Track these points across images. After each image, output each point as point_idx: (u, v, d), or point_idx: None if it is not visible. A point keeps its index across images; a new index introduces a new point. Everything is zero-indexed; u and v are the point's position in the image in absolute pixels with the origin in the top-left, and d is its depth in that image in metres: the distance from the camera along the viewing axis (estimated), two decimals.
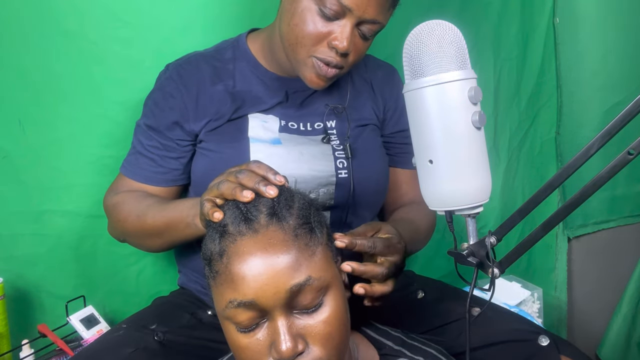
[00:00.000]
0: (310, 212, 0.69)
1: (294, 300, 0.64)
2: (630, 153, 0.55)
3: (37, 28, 1.13)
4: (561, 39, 1.60)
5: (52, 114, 1.17)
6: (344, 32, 0.90)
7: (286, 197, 0.69)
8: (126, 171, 1.06)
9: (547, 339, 0.91)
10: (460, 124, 0.63)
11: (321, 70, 0.94)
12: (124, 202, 1.02)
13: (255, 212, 0.66)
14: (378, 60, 1.16)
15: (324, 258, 0.67)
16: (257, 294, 0.62)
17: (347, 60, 0.94)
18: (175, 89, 1.02)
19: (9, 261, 1.18)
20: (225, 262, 0.64)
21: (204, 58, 1.06)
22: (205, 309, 1.05)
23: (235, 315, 0.64)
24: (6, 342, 1.12)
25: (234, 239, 0.65)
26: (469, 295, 0.67)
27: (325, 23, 0.90)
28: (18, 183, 1.17)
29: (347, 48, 0.90)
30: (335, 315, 0.66)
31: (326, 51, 0.92)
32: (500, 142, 1.61)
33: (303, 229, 0.66)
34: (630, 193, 1.75)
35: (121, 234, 1.06)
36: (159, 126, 1.03)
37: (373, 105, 1.10)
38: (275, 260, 0.63)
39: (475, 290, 0.76)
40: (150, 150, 1.04)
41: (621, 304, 1.76)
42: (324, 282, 0.66)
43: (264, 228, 0.65)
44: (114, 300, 1.27)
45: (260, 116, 1.03)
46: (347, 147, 1.02)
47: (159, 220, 0.95)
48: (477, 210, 0.65)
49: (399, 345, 0.80)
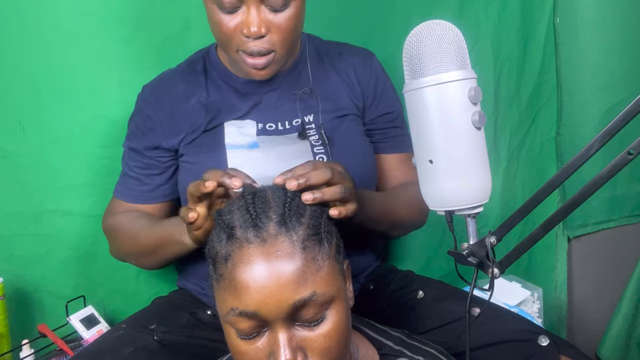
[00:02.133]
0: (321, 221, 0.68)
1: (296, 314, 0.63)
2: (630, 153, 0.55)
3: (37, 28, 1.13)
4: (561, 39, 1.60)
5: (52, 114, 1.17)
6: (248, 18, 0.89)
7: (298, 203, 0.68)
8: (117, 193, 1.11)
9: (547, 339, 0.91)
10: (460, 124, 0.63)
11: (248, 63, 0.94)
12: (120, 224, 1.06)
13: (265, 218, 0.65)
14: (353, 48, 1.15)
15: (330, 272, 0.66)
16: (259, 306, 0.62)
17: (273, 41, 0.92)
18: (151, 110, 1.05)
19: (9, 261, 1.18)
20: (230, 268, 0.64)
21: (178, 75, 1.08)
22: (204, 309, 1.05)
23: (237, 322, 0.64)
24: (6, 342, 1.13)
25: (240, 244, 0.64)
26: (469, 295, 0.67)
27: (230, 17, 0.90)
28: (18, 183, 1.17)
29: (257, 32, 0.89)
30: (336, 329, 0.66)
31: (245, 41, 0.92)
32: (500, 142, 1.61)
33: (312, 241, 0.65)
34: (630, 193, 1.75)
35: (121, 255, 1.11)
36: (139, 147, 1.07)
37: (350, 94, 1.09)
38: (281, 273, 0.62)
39: (475, 290, 0.76)
40: (134, 171, 1.08)
41: (621, 304, 1.76)
42: (328, 297, 0.65)
43: (272, 238, 0.64)
44: (114, 300, 1.27)
45: (237, 123, 1.03)
46: (322, 134, 1.02)
47: (151, 240, 0.98)
48: (477, 210, 0.65)
49: (399, 345, 0.80)
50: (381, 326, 0.83)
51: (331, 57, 1.11)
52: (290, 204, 0.67)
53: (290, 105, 1.05)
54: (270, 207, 0.66)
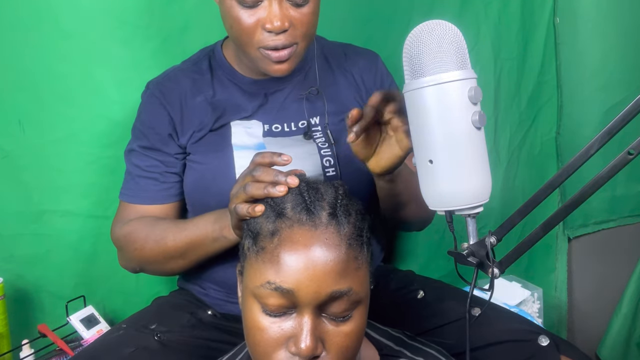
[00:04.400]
0: (364, 226, 0.69)
1: (329, 304, 0.64)
2: (630, 153, 0.55)
3: (37, 28, 1.13)
4: (561, 39, 1.60)
5: (52, 114, 1.17)
6: (271, 12, 0.88)
7: (346, 202, 0.68)
8: (129, 198, 1.05)
9: (547, 339, 0.91)
10: (460, 124, 0.63)
11: (272, 57, 0.92)
12: (137, 230, 1.00)
13: (319, 207, 0.66)
14: (358, 49, 1.15)
15: (364, 275, 0.67)
16: (298, 286, 0.62)
17: (294, 35, 0.92)
18: (159, 105, 1.03)
19: (9, 261, 1.18)
20: (276, 243, 0.64)
21: (183, 72, 1.06)
22: (205, 308, 1.05)
23: (267, 296, 0.64)
24: (6, 342, 1.13)
25: (291, 223, 0.64)
26: (469, 295, 0.67)
27: (251, 11, 0.89)
28: (18, 183, 1.17)
29: (281, 26, 0.89)
30: (357, 331, 0.66)
31: (267, 37, 0.90)
32: (500, 142, 1.61)
33: (356, 240, 0.66)
34: (630, 193, 1.75)
35: (138, 263, 1.03)
36: (155, 144, 1.03)
37: (356, 96, 1.09)
38: (327, 260, 0.63)
39: (475, 290, 0.76)
40: (149, 171, 1.04)
41: (621, 304, 1.76)
42: (360, 297, 0.66)
43: (323, 226, 0.64)
44: (114, 300, 1.27)
45: (243, 123, 1.03)
46: (328, 135, 1.02)
47: (181, 241, 0.94)
48: (477, 210, 0.65)
49: (400, 346, 0.80)
50: (382, 326, 0.83)
51: (336, 57, 1.10)
52: (341, 201, 0.68)
53: (296, 106, 1.05)
54: (323, 198, 0.67)
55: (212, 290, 1.06)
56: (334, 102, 1.06)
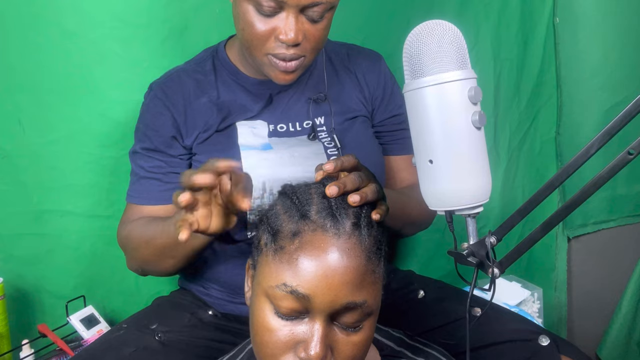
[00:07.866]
0: (383, 241, 0.68)
1: (342, 314, 0.63)
2: (630, 153, 0.55)
3: (37, 28, 1.13)
4: (561, 39, 1.60)
5: (52, 114, 1.17)
6: (287, 25, 0.88)
7: (369, 215, 0.68)
8: (133, 198, 1.05)
9: (547, 339, 0.91)
10: (460, 124, 0.63)
11: (279, 67, 0.92)
12: (134, 230, 1.00)
13: (344, 214, 0.65)
14: (361, 49, 1.15)
15: (378, 288, 0.67)
16: (314, 293, 0.61)
17: (305, 48, 0.92)
18: (162, 106, 1.03)
19: (9, 261, 1.18)
20: (297, 245, 0.63)
21: (186, 73, 1.06)
22: (205, 308, 1.05)
23: (282, 298, 0.63)
24: (6, 342, 1.13)
25: (314, 227, 0.63)
26: (469, 295, 0.67)
27: (267, 20, 0.89)
28: (18, 183, 1.17)
29: (294, 39, 0.88)
30: (366, 342, 0.66)
31: (278, 47, 0.90)
32: (500, 142, 1.61)
33: (375, 254, 0.66)
34: (630, 193, 1.75)
35: (137, 264, 1.03)
36: (158, 146, 1.03)
37: (359, 96, 1.09)
38: (346, 270, 0.62)
39: (476, 290, 0.75)
40: (153, 171, 1.03)
41: (621, 304, 1.76)
42: (372, 310, 0.66)
43: (346, 235, 0.63)
44: (114, 300, 1.27)
45: (249, 123, 1.02)
46: (334, 138, 1.02)
47: (167, 238, 0.93)
48: (477, 210, 0.65)
49: (401, 346, 0.80)
50: (382, 327, 0.83)
51: (340, 58, 1.11)
52: (365, 212, 0.67)
53: (301, 106, 1.05)
54: (348, 206, 0.66)
55: (215, 290, 1.06)
56: (338, 103, 1.06)
